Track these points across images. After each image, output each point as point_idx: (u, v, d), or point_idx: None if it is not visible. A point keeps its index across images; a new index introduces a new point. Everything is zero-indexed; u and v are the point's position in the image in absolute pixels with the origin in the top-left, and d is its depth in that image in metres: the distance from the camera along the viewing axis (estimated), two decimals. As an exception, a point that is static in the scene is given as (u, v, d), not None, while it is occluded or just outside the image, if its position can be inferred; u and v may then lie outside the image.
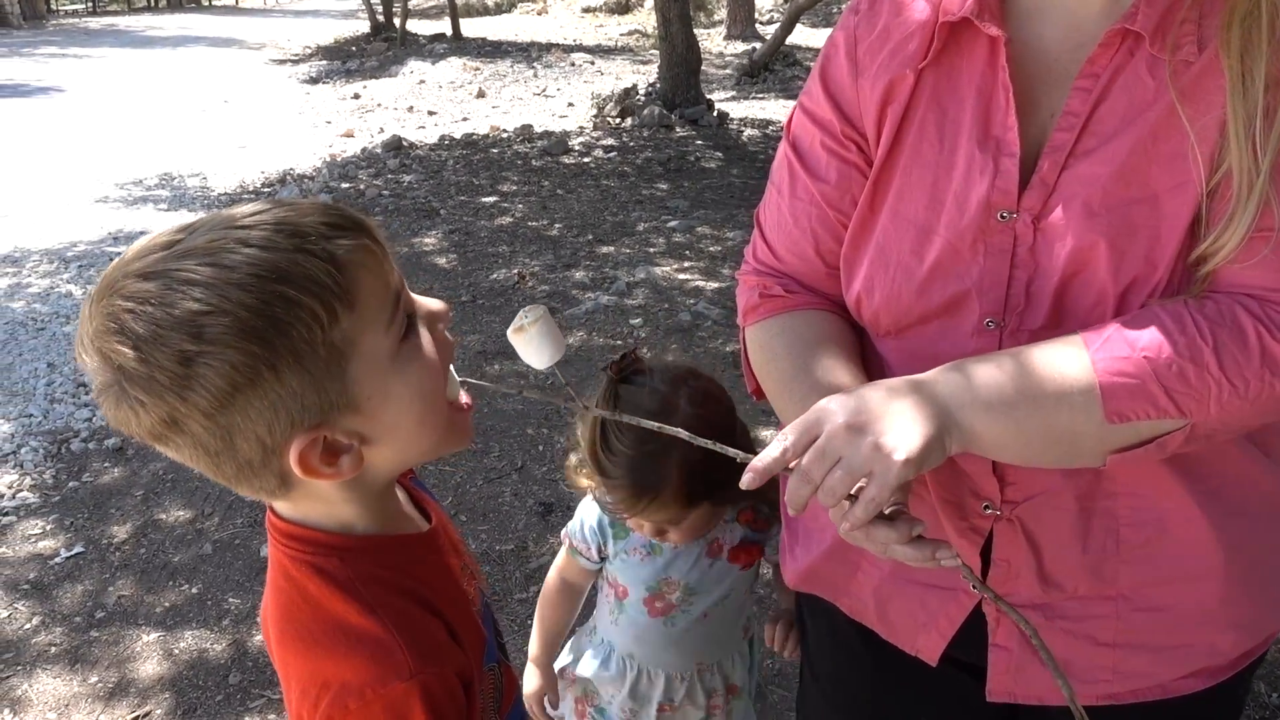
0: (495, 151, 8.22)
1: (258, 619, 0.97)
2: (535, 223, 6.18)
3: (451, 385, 0.90)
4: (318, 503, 0.85)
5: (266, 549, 0.91)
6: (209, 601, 2.77)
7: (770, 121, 9.33)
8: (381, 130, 9.56)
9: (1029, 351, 0.87)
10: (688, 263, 5.33)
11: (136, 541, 3.06)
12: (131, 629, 2.67)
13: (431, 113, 10.67)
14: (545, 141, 8.33)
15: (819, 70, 1.05)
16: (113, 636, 2.64)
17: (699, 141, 8.37)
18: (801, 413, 0.85)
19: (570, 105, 10.61)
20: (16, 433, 3.74)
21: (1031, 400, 0.84)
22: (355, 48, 16.56)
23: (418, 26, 17.84)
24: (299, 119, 10.60)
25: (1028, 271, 0.92)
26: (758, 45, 13.35)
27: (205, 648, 2.59)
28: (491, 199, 6.77)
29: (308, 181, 7.46)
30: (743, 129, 8.96)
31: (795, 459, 0.83)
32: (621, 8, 18.90)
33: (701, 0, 17.32)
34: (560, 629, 1.69)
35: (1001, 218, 0.92)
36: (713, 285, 4.94)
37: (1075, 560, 0.98)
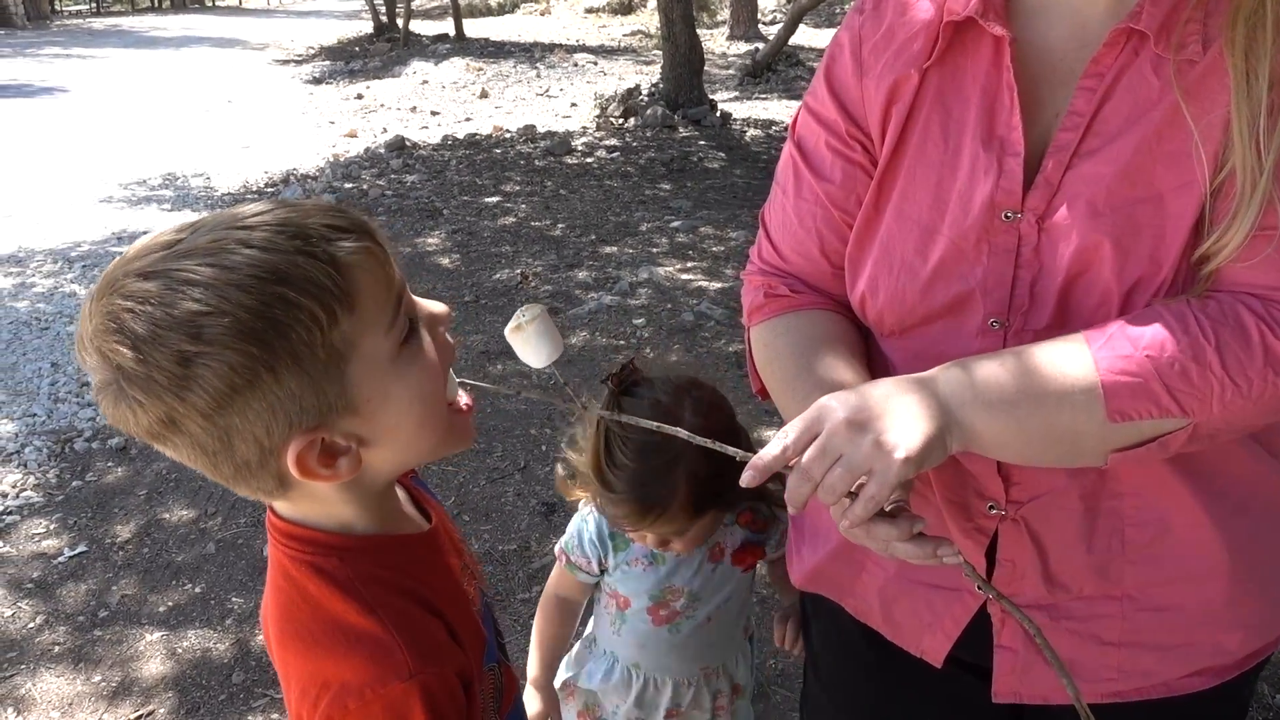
0: (498, 152, 8.22)
1: (259, 618, 0.97)
2: (538, 223, 6.18)
3: (450, 386, 0.89)
4: (317, 503, 0.85)
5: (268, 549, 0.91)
6: (212, 601, 2.78)
7: (773, 122, 9.32)
8: (385, 130, 9.57)
9: (1031, 350, 0.86)
10: (691, 263, 5.32)
11: (140, 541, 3.06)
12: (135, 628, 2.67)
13: (434, 113, 10.68)
14: (548, 142, 8.33)
15: (824, 70, 1.05)
16: (116, 636, 2.65)
17: (702, 142, 8.37)
18: (802, 411, 0.85)
19: (573, 105, 10.62)
20: (20, 432, 3.74)
21: (1033, 399, 0.84)
22: (358, 48, 16.57)
23: (421, 27, 17.85)
24: (302, 119, 10.61)
25: (1032, 271, 0.92)
26: (760, 45, 13.34)
27: (208, 647, 2.59)
28: (494, 199, 6.78)
29: (311, 181, 7.47)
30: (746, 129, 8.96)
31: (796, 456, 0.83)
32: (624, 8, 18.90)
33: (704, 1, 17.31)
34: (560, 648, 1.65)
35: (1006, 217, 0.92)
36: (716, 285, 4.94)
37: (1080, 560, 0.98)
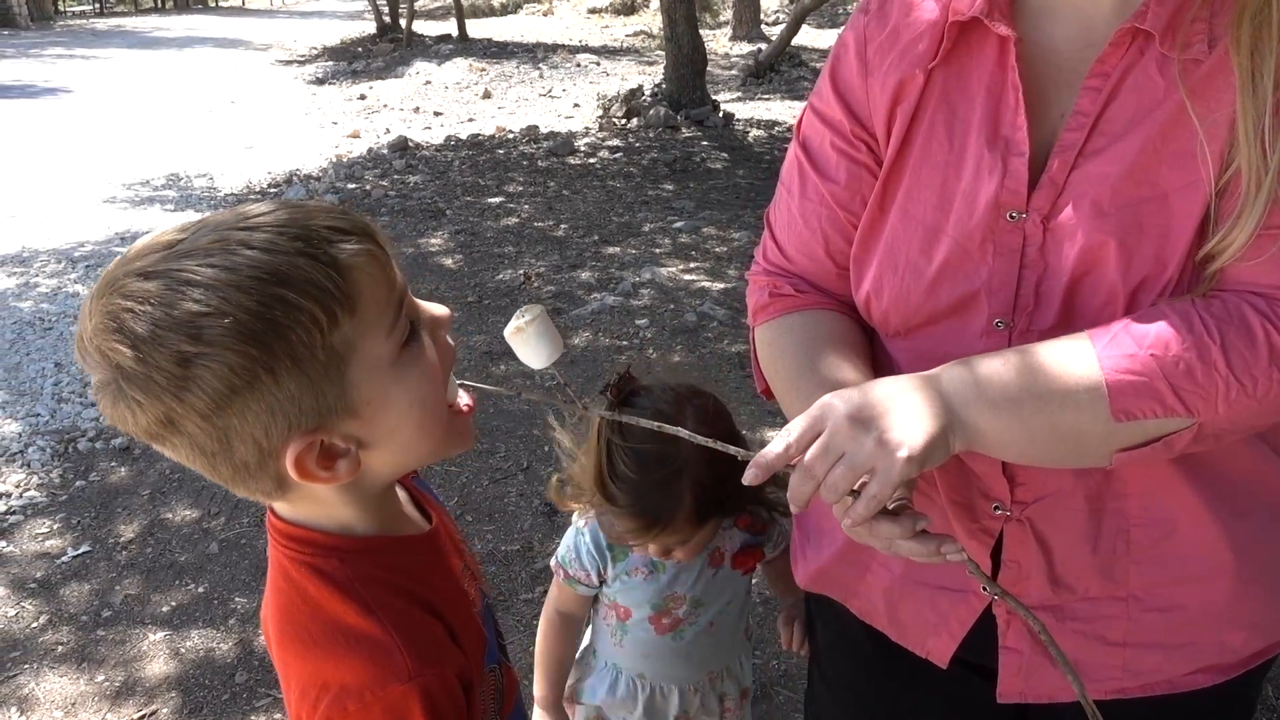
0: (501, 152, 8.22)
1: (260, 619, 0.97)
2: (541, 223, 6.18)
3: (450, 388, 0.89)
4: (317, 504, 0.85)
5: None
6: (215, 601, 2.78)
7: (776, 122, 9.32)
8: (388, 131, 9.57)
9: (1035, 349, 0.86)
10: (693, 263, 5.32)
11: (143, 541, 3.06)
12: (138, 628, 2.68)
13: (437, 113, 10.69)
14: (551, 142, 8.33)
15: (829, 70, 1.05)
16: (119, 635, 2.65)
17: (705, 142, 8.37)
18: (806, 410, 0.85)
19: (576, 106, 10.62)
20: (24, 432, 3.75)
21: (1037, 398, 0.83)
22: (361, 49, 16.59)
23: (424, 27, 17.86)
24: (305, 120, 10.62)
25: (1037, 272, 0.92)
26: (763, 46, 13.34)
27: (211, 647, 2.60)
28: (497, 199, 6.78)
29: (314, 182, 7.47)
30: (748, 130, 8.96)
31: (799, 455, 0.83)
32: (627, 8, 18.90)
33: (707, 1, 17.31)
34: (566, 665, 1.62)
35: (1011, 218, 0.92)
36: (719, 286, 4.94)
37: (1086, 561, 0.98)
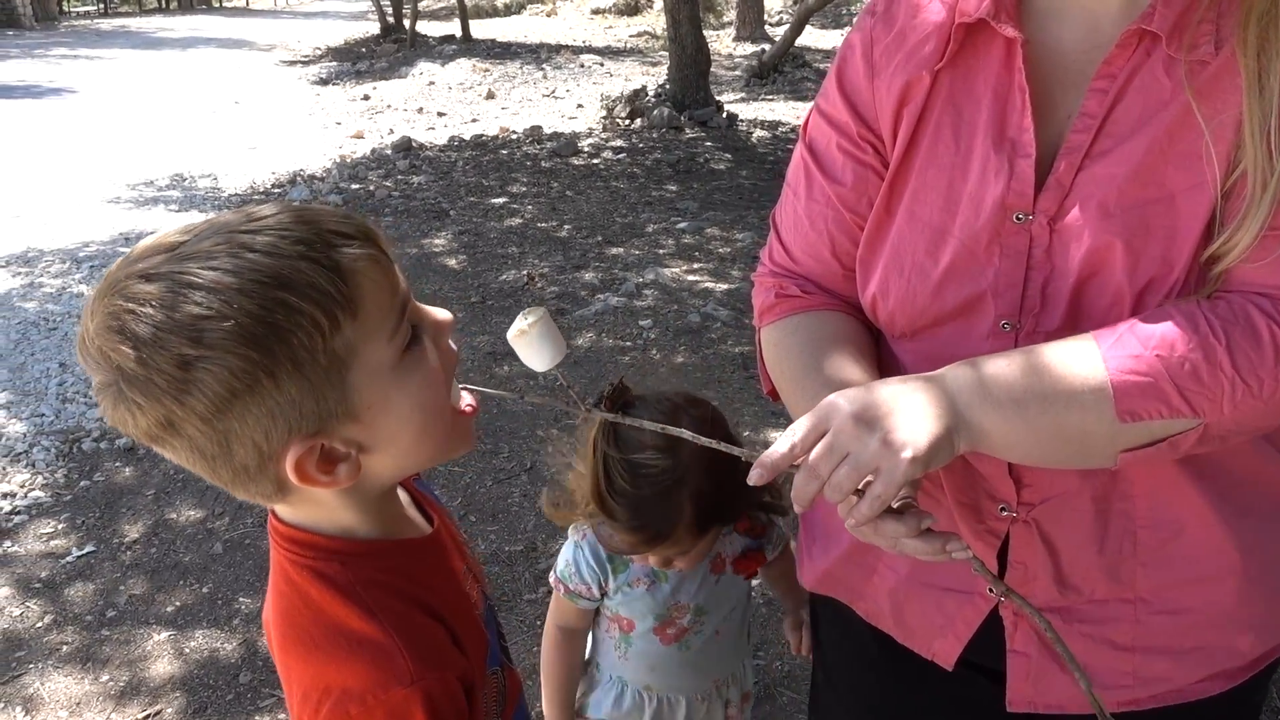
0: (505, 153, 8.23)
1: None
2: (545, 224, 6.18)
3: (454, 391, 0.89)
4: (318, 507, 0.85)
5: (271, 551, 0.90)
6: (219, 601, 2.78)
7: (779, 123, 9.32)
8: (391, 131, 9.58)
9: (1040, 350, 0.86)
10: (697, 264, 5.32)
11: (147, 541, 3.07)
12: (142, 628, 2.68)
13: (441, 114, 10.69)
14: (555, 143, 8.34)
15: (835, 72, 1.05)
16: (124, 635, 2.65)
17: (708, 143, 8.37)
18: (810, 409, 0.85)
19: (579, 107, 10.62)
20: (29, 432, 3.75)
21: (1042, 399, 0.83)
22: (365, 49, 16.59)
23: (427, 28, 17.87)
24: (309, 120, 10.63)
25: (1043, 273, 0.91)
26: (767, 47, 13.34)
27: (216, 647, 2.60)
28: (501, 200, 6.78)
29: (318, 182, 7.48)
30: (752, 130, 8.96)
31: (803, 454, 0.83)
32: (631, 9, 18.90)
33: (711, 2, 17.31)
34: (573, 681, 1.59)
35: (1017, 219, 0.92)
36: (722, 287, 4.93)
37: (1092, 563, 0.97)
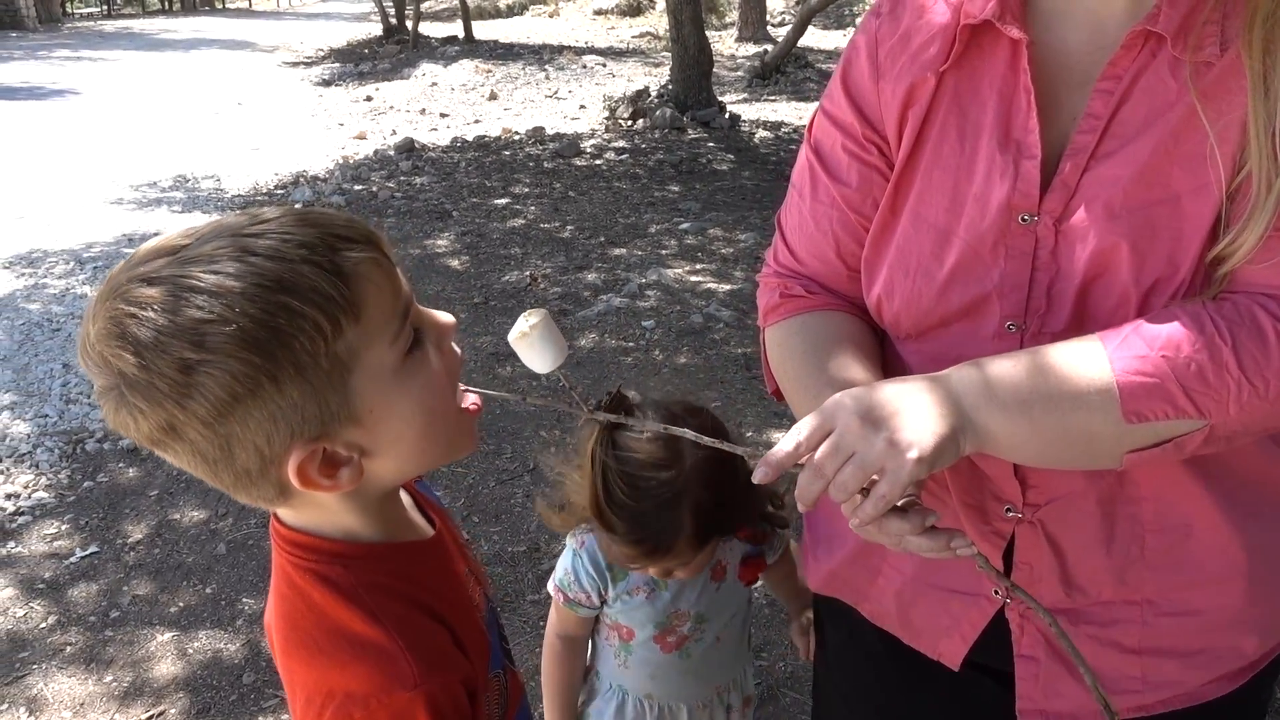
0: (507, 153, 8.23)
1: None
2: (547, 224, 6.19)
3: (457, 394, 0.89)
4: (320, 511, 0.84)
5: (273, 554, 0.90)
6: (223, 602, 2.78)
7: (782, 124, 9.32)
8: (394, 132, 9.59)
9: (1046, 351, 0.86)
10: (700, 265, 5.32)
11: (151, 542, 3.07)
12: (146, 629, 2.68)
13: (444, 115, 10.70)
14: (557, 144, 8.34)
15: (840, 73, 1.05)
16: (127, 636, 2.65)
17: (711, 144, 8.37)
18: (815, 409, 0.85)
19: (582, 107, 10.63)
20: (32, 433, 3.76)
21: (1048, 399, 0.83)
22: (368, 50, 16.60)
23: (430, 29, 17.88)
24: (312, 121, 10.64)
25: (1049, 274, 0.91)
26: (769, 47, 13.34)
27: (219, 648, 2.60)
28: (504, 201, 6.79)
29: (321, 183, 7.48)
30: (755, 131, 8.96)
31: (808, 453, 0.83)
32: (633, 10, 18.91)
33: (713, 2, 17.31)
34: (575, 690, 1.58)
35: (1022, 220, 0.92)
36: (725, 287, 4.93)
37: (1099, 564, 0.97)
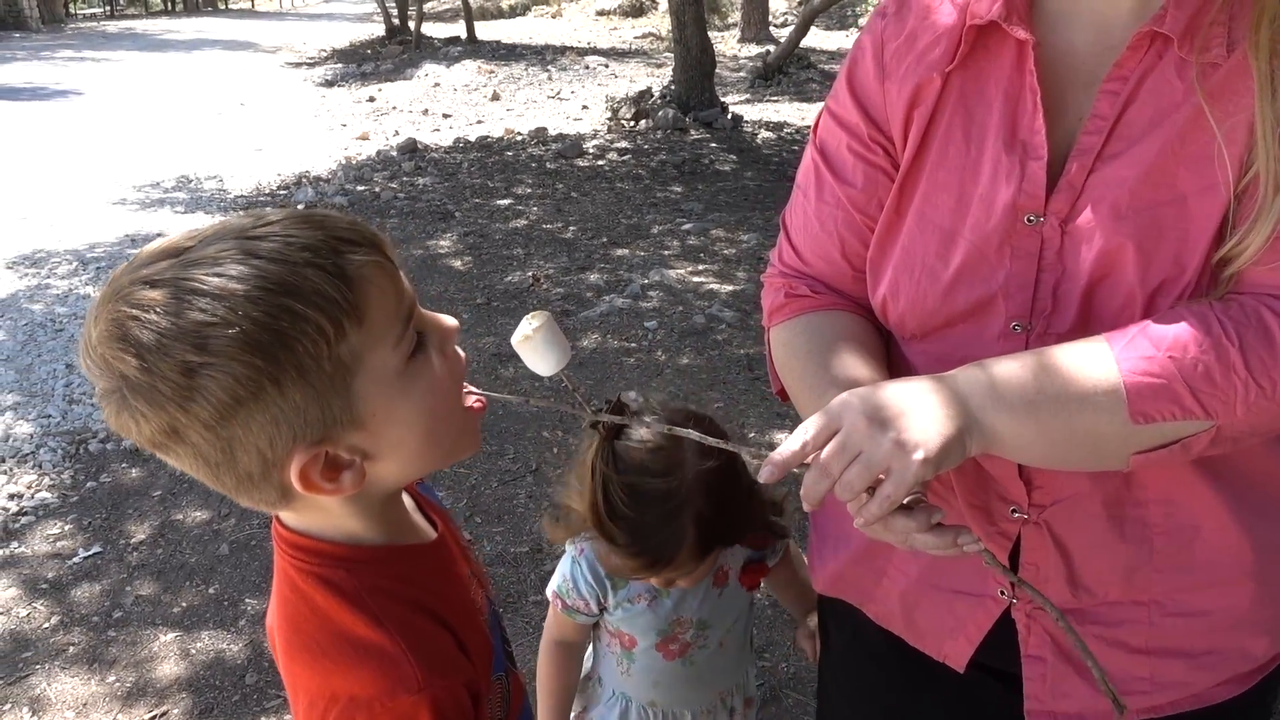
0: (510, 154, 8.24)
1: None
2: (550, 225, 6.19)
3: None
4: (322, 514, 0.84)
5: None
6: (226, 602, 2.78)
7: (784, 124, 9.31)
8: (396, 133, 9.59)
9: (1052, 352, 0.86)
10: (702, 265, 5.32)
11: (154, 542, 3.07)
12: (149, 629, 2.68)
13: (446, 115, 10.70)
14: (560, 144, 8.34)
15: (846, 74, 1.05)
16: (130, 636, 2.66)
17: (713, 144, 8.37)
18: (820, 408, 0.85)
19: (584, 108, 10.63)
20: (35, 433, 3.76)
21: (1054, 400, 0.83)
22: (370, 51, 16.61)
23: (432, 30, 17.89)
24: (314, 122, 10.64)
25: (1055, 275, 0.91)
26: (772, 48, 13.33)
27: (222, 648, 2.60)
28: (506, 201, 6.79)
29: (323, 184, 7.49)
30: (757, 132, 8.96)
31: (815, 452, 0.82)
32: (635, 11, 18.91)
33: (716, 3, 17.32)
34: (570, 695, 1.59)
35: (1028, 221, 0.91)
36: (727, 288, 4.93)
37: (1105, 565, 0.97)
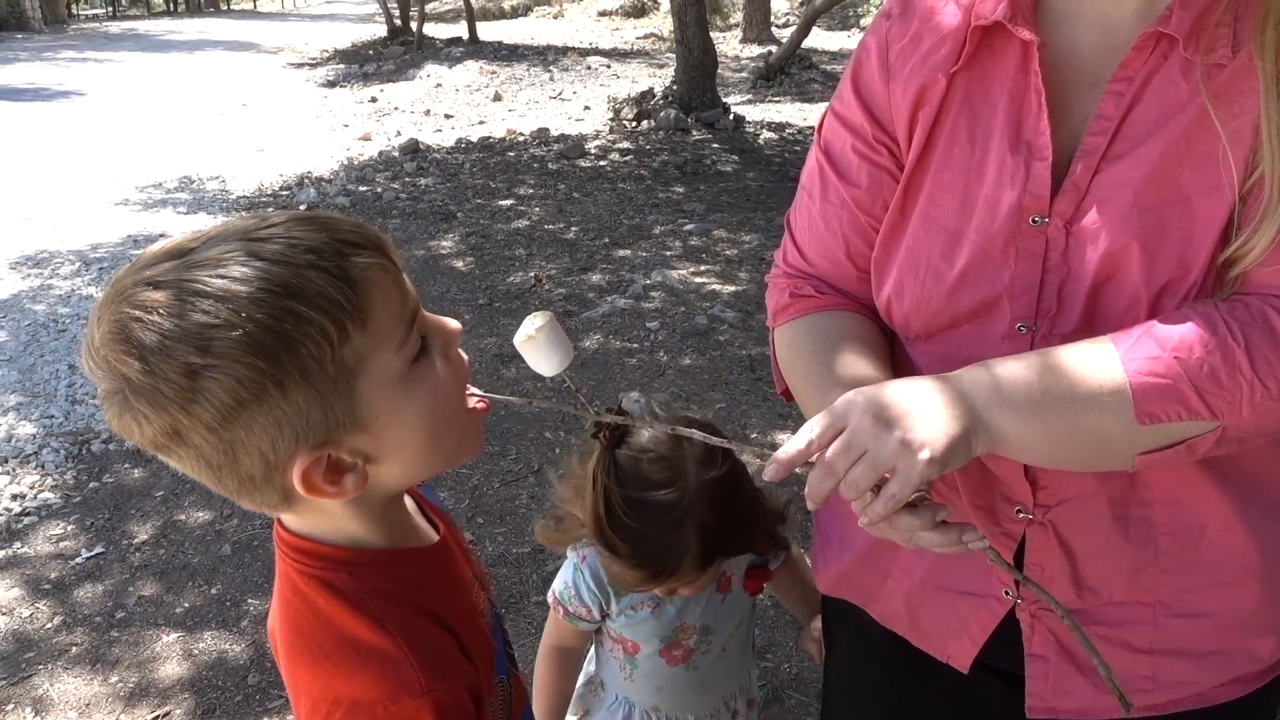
0: (512, 155, 8.24)
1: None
2: (552, 226, 6.19)
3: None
4: (324, 517, 0.84)
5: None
6: (228, 602, 2.79)
7: (786, 125, 9.31)
8: (398, 133, 9.60)
9: (1058, 352, 0.86)
10: (704, 266, 5.32)
11: (156, 542, 3.08)
12: (151, 629, 2.69)
13: (448, 116, 10.71)
14: (562, 145, 8.34)
15: (850, 74, 1.05)
16: (133, 637, 2.66)
17: (715, 145, 8.37)
18: (825, 407, 0.85)
19: (586, 108, 10.63)
20: (38, 434, 3.77)
21: (1060, 401, 0.83)
22: (372, 51, 16.62)
23: (434, 30, 17.90)
24: (316, 122, 10.65)
25: (1060, 275, 0.91)
26: (774, 49, 13.34)
27: (224, 648, 2.60)
28: (508, 202, 6.79)
29: (325, 184, 7.49)
30: (759, 132, 8.96)
31: (820, 450, 0.82)
32: (637, 11, 18.92)
33: (717, 3, 17.32)
34: (567, 699, 1.59)
35: (1033, 222, 0.91)
36: (729, 288, 4.93)
37: (1110, 565, 0.97)
